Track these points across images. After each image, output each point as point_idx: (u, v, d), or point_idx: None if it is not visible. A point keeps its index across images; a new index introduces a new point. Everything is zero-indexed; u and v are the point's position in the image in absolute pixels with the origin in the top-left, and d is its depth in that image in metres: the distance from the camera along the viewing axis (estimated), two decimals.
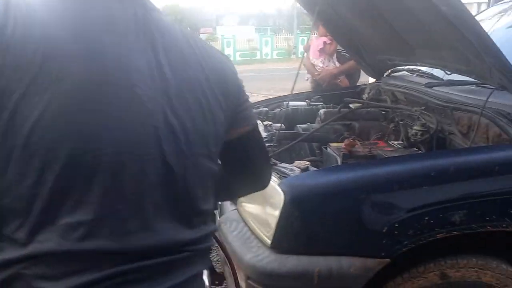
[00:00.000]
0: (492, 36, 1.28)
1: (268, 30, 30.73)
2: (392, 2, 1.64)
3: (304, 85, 3.54)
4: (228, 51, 21.95)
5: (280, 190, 1.25)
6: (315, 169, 1.47)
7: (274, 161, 1.50)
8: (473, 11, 7.64)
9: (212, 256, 1.89)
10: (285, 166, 1.47)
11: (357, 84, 3.09)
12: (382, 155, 1.48)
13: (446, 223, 1.22)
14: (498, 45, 1.26)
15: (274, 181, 1.34)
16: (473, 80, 1.63)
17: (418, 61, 1.90)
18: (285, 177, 1.36)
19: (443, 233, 1.22)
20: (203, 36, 23.30)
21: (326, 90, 2.99)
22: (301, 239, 1.23)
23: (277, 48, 21.52)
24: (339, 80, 3.20)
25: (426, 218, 1.21)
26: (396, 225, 1.20)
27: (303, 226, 1.22)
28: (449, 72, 1.69)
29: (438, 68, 1.79)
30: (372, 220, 1.21)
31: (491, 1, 2.56)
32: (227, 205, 1.67)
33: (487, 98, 1.42)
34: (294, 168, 1.43)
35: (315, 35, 3.54)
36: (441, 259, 1.27)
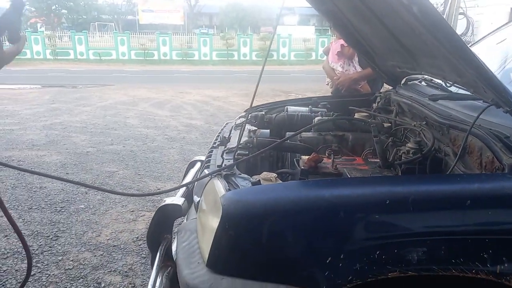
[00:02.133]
0: None
1: (328, 30, 30.11)
2: (386, 8, 1.46)
3: (327, 88, 3.37)
4: (283, 51, 21.88)
5: (220, 203, 1.15)
6: (274, 182, 1.34)
7: (236, 170, 1.40)
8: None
9: None
10: (244, 177, 1.36)
11: (381, 91, 2.86)
12: (347, 174, 1.32)
13: (401, 261, 1.04)
14: None
15: (220, 192, 1.24)
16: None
17: (423, 69, 1.69)
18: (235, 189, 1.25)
19: (395, 272, 1.05)
20: (262, 35, 23.39)
21: (343, 96, 2.80)
22: (235, 259, 1.12)
23: None
24: (360, 86, 2.97)
25: (378, 252, 1.05)
26: (342, 257, 1.06)
27: (237, 246, 1.11)
28: (449, 84, 1.48)
29: (438, 79, 1.57)
30: (313, 247, 1.07)
31: None
32: (192, 212, 1.60)
33: (478, 116, 1.21)
34: (251, 180, 1.31)
35: (334, 37, 3.34)
36: None
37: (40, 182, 3.93)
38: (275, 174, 1.42)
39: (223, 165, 1.43)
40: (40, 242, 2.84)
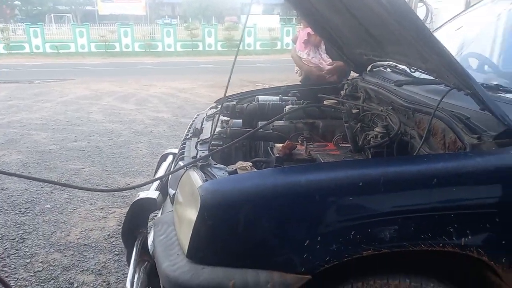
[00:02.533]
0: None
1: (293, 19, 30.26)
2: (357, 0, 1.50)
3: (294, 77, 3.41)
4: (248, 40, 21.80)
5: (198, 194, 1.15)
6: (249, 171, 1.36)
7: (211, 160, 1.41)
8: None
9: None
10: (220, 167, 1.37)
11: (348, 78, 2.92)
12: (320, 159, 1.35)
13: (374, 240, 1.09)
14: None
15: (197, 183, 1.25)
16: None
17: (388, 56, 1.75)
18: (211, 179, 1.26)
19: (369, 251, 1.10)
20: (226, 25, 23.17)
21: (312, 84, 2.84)
22: (215, 249, 1.14)
23: None
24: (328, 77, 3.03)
25: (352, 233, 1.09)
26: (318, 239, 1.09)
27: (217, 235, 1.13)
28: (413, 69, 1.54)
29: (402, 65, 1.64)
30: (291, 232, 1.10)
31: None
32: (167, 205, 1.59)
33: (441, 99, 1.27)
34: (227, 170, 1.33)
35: (301, 26, 3.38)
36: (370, 278, 1.15)
37: (1, 183, 3.77)
38: (250, 163, 1.44)
39: (198, 156, 1.43)
40: (6, 245, 2.74)
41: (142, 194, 1.67)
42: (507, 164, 1.11)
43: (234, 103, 2.16)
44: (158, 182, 1.73)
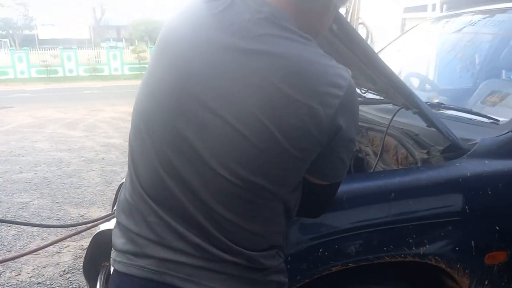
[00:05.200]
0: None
1: None
2: None
3: None
4: None
5: None
6: None
7: None
8: (428, 12, 7.87)
9: None
10: None
11: None
12: None
13: (341, 255, 1.15)
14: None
15: None
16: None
17: None
18: None
19: (338, 266, 1.15)
20: None
21: None
22: None
23: None
24: None
25: (321, 250, 1.14)
26: (288, 259, 1.12)
27: None
28: (364, 91, 1.65)
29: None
30: None
31: (443, 6, 2.58)
32: None
33: (392, 118, 1.37)
34: None
35: None
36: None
37: None
38: None
39: None
40: None
41: (103, 226, 1.62)
42: (454, 176, 1.22)
43: None
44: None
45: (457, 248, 1.20)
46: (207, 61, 0.75)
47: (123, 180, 2.20)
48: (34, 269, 2.76)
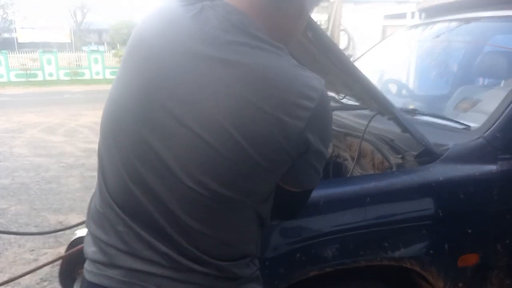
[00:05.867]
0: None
1: None
2: None
3: None
4: None
5: None
6: None
7: None
8: (407, 19, 8.05)
9: None
10: None
11: None
12: None
13: (318, 260, 1.16)
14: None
15: None
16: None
17: None
18: None
19: (315, 271, 1.16)
20: None
21: None
22: None
23: None
24: None
25: (298, 255, 1.15)
26: (266, 264, 1.13)
27: None
28: (341, 96, 1.68)
29: (331, 92, 1.77)
30: None
31: (422, 15, 2.64)
32: None
33: (368, 124, 1.40)
34: None
35: None
36: None
37: None
38: None
39: None
40: None
41: (79, 233, 1.60)
42: (428, 180, 1.25)
43: None
44: None
45: (430, 251, 1.22)
46: (174, 68, 0.73)
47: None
48: (10, 277, 2.68)
